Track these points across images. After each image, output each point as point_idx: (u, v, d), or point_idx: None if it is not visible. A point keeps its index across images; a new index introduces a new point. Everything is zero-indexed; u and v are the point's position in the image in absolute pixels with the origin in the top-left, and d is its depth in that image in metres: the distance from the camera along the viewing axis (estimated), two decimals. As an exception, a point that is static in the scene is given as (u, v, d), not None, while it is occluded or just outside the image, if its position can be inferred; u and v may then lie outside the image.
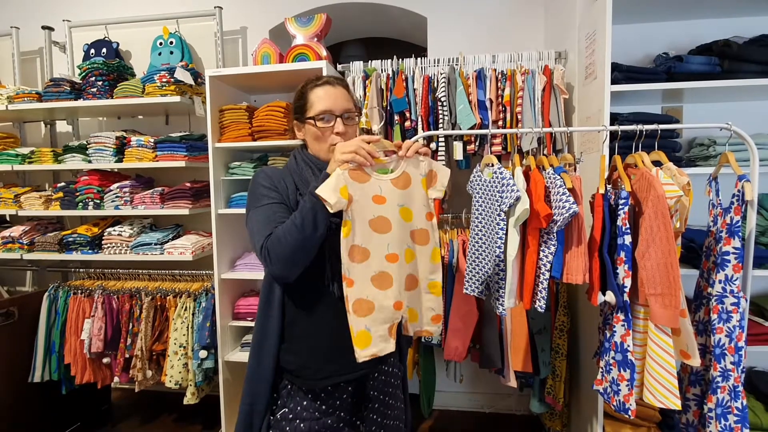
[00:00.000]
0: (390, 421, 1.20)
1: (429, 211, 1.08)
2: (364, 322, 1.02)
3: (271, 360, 1.10)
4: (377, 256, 1.03)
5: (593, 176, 1.64)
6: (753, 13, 1.97)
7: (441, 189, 1.08)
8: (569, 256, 1.28)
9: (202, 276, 2.39)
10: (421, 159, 1.08)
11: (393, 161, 1.07)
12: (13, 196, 2.46)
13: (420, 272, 1.08)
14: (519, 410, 2.52)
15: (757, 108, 2.01)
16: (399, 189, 1.06)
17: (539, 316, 1.93)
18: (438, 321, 1.11)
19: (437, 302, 1.10)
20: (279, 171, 1.15)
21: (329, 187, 0.99)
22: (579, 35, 1.92)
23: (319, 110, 1.10)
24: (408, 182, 1.07)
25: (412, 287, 1.08)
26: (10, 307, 2.23)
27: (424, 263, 1.08)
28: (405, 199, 1.06)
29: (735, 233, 1.27)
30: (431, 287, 1.09)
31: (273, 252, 0.99)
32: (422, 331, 1.10)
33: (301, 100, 1.15)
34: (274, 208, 1.06)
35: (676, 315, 1.19)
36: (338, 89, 1.14)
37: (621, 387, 1.29)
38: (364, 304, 1.02)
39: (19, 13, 2.83)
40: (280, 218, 1.03)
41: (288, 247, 0.98)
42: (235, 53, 2.67)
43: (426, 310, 1.10)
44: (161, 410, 2.66)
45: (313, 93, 1.13)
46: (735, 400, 1.28)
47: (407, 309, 1.08)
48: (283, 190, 1.09)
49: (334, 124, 1.11)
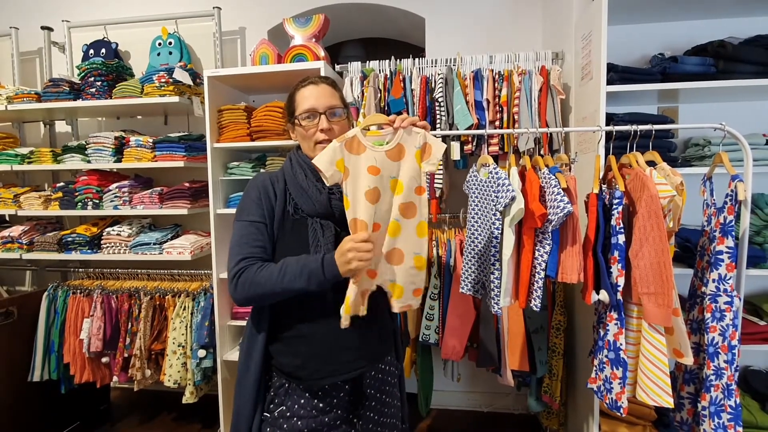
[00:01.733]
0: (387, 419, 1.21)
1: (419, 185, 1.06)
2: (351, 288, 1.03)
3: (259, 361, 1.11)
4: (368, 225, 1.03)
5: (589, 176, 1.66)
6: (747, 14, 1.98)
7: (434, 163, 1.07)
8: (564, 255, 1.29)
9: (200, 275, 2.40)
10: (417, 131, 1.07)
11: (389, 134, 1.07)
12: (12, 196, 2.47)
13: (405, 247, 1.06)
14: (516, 409, 2.53)
15: (751, 108, 2.03)
16: (392, 160, 1.06)
17: (536, 315, 1.94)
18: (418, 294, 1.10)
19: (420, 276, 1.08)
20: (273, 176, 1.17)
21: (325, 160, 1.01)
22: (575, 36, 1.94)
23: (303, 109, 1.13)
24: (401, 154, 1.06)
25: (398, 262, 1.06)
26: (9, 306, 2.24)
27: (410, 237, 1.06)
28: (396, 171, 1.06)
29: (728, 233, 1.28)
30: (416, 260, 1.07)
31: (242, 289, 1.05)
32: (405, 305, 1.09)
33: (290, 102, 1.18)
34: (252, 229, 1.10)
35: (668, 314, 1.20)
36: (321, 87, 1.15)
37: (614, 385, 1.30)
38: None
39: (19, 14, 2.84)
40: (254, 242, 1.08)
41: (261, 293, 1.04)
42: (233, 54, 2.68)
43: (409, 284, 1.08)
44: (160, 409, 2.67)
45: (299, 94, 1.16)
46: (728, 399, 1.29)
47: (390, 283, 1.07)
48: (269, 204, 1.12)
49: (318, 122, 1.12)
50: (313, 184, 1.11)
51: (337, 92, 1.18)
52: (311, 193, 1.10)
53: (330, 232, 1.10)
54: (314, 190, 1.10)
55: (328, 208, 1.10)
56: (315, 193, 1.10)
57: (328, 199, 1.10)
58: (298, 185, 1.12)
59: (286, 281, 1.01)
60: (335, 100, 1.15)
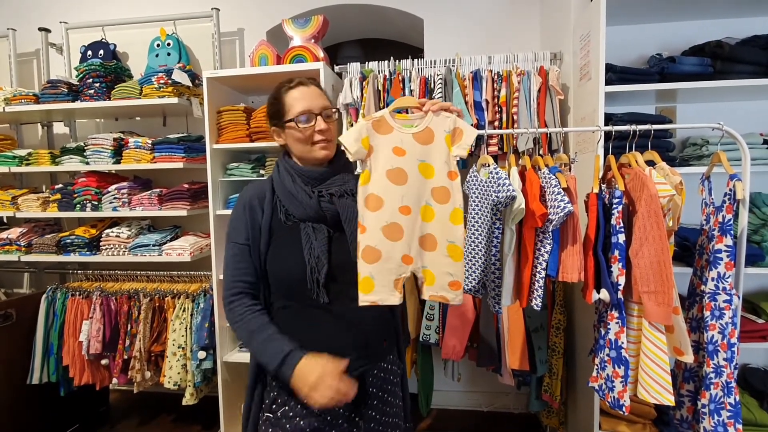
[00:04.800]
0: (389, 419, 1.21)
1: (451, 170, 1.06)
2: (369, 268, 1.02)
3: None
4: (390, 206, 1.03)
5: (588, 176, 1.66)
6: (745, 15, 1.99)
7: (465, 147, 1.06)
8: (565, 254, 1.29)
9: (200, 277, 2.40)
10: (447, 115, 1.07)
11: (417, 118, 1.08)
12: (10, 198, 2.46)
13: (439, 233, 1.05)
14: (516, 408, 2.54)
15: (749, 108, 2.04)
16: (420, 144, 1.06)
17: (536, 314, 1.95)
18: (457, 288, 1.04)
19: (456, 268, 1.04)
20: (261, 189, 1.16)
21: (351, 137, 1.04)
22: (574, 37, 1.94)
23: (299, 111, 1.10)
24: (430, 138, 1.06)
25: (431, 248, 1.05)
26: (8, 309, 2.23)
27: (444, 223, 1.04)
28: (426, 154, 1.06)
29: (727, 231, 1.28)
30: (450, 250, 1.04)
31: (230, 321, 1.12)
32: (438, 296, 1.06)
33: (277, 105, 1.14)
34: (236, 251, 1.13)
35: (669, 312, 1.21)
36: (312, 88, 1.14)
37: (615, 384, 1.31)
38: (373, 251, 1.02)
39: (16, 15, 2.83)
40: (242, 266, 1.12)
41: (240, 337, 1.12)
42: (232, 55, 2.68)
43: (443, 274, 1.04)
44: (160, 411, 2.66)
45: (289, 95, 1.12)
46: (728, 396, 1.30)
47: (422, 269, 1.06)
48: (253, 221, 1.13)
49: (315, 123, 1.11)
50: (301, 189, 1.11)
51: (325, 94, 1.18)
52: (300, 197, 1.10)
53: (322, 234, 1.10)
54: (303, 194, 1.10)
55: (319, 211, 1.10)
56: (305, 198, 1.10)
57: (318, 203, 1.10)
58: (287, 191, 1.12)
59: (253, 349, 1.09)
60: (326, 101, 1.15)
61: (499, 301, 1.36)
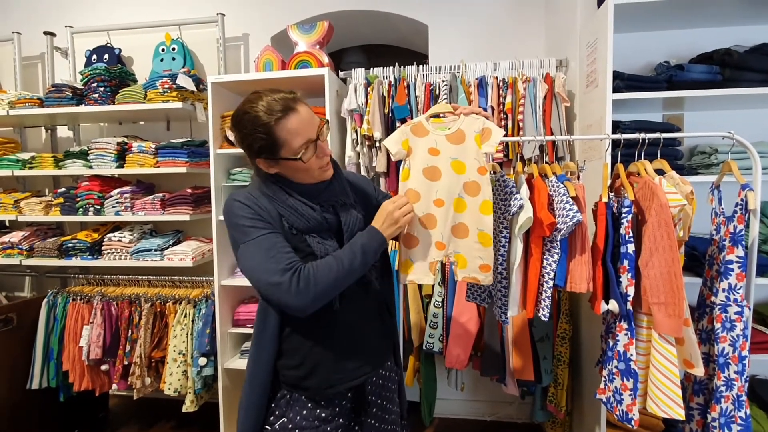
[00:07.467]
0: (387, 426, 1.21)
1: (481, 166, 1.18)
2: (408, 253, 1.22)
3: (267, 374, 1.10)
4: (426, 199, 1.20)
5: (596, 184, 1.65)
6: (754, 22, 1.98)
7: (493, 144, 1.18)
8: (573, 264, 1.28)
9: (202, 282, 2.38)
10: (477, 117, 1.20)
11: (451, 121, 1.23)
12: (12, 201, 2.45)
13: (470, 222, 1.19)
14: (520, 418, 2.50)
15: (758, 116, 2.02)
16: (452, 144, 1.20)
17: (541, 323, 1.92)
18: (487, 270, 1.19)
19: (486, 252, 1.18)
20: (252, 196, 1.06)
21: (393, 140, 1.22)
22: (580, 44, 1.93)
23: (300, 145, 1.00)
24: (462, 138, 1.20)
25: (464, 236, 1.19)
26: (8, 313, 2.21)
27: (475, 214, 1.18)
28: (458, 153, 1.20)
29: (738, 242, 1.27)
30: (480, 237, 1.18)
31: (306, 290, 0.97)
32: (470, 277, 1.21)
33: (267, 139, 1.00)
34: (272, 238, 1.01)
35: (679, 324, 1.19)
36: (302, 110, 1.01)
37: (624, 396, 1.28)
38: (411, 239, 1.22)
39: (21, 19, 2.84)
40: (283, 248, 1.00)
41: (325, 288, 1.00)
42: (237, 60, 2.68)
43: (475, 258, 1.19)
44: (159, 417, 2.63)
45: (281, 129, 0.99)
46: (739, 410, 1.28)
47: (455, 254, 1.21)
48: (267, 215, 1.03)
49: (317, 150, 1.04)
50: (302, 203, 1.06)
51: (305, 103, 1.05)
52: (302, 210, 1.06)
53: (332, 242, 1.08)
54: (305, 207, 1.06)
55: (323, 223, 1.08)
56: (307, 211, 1.06)
57: (321, 214, 1.07)
58: (288, 206, 1.06)
59: (346, 264, 1.02)
60: (314, 115, 1.06)
61: (505, 311, 1.34)
